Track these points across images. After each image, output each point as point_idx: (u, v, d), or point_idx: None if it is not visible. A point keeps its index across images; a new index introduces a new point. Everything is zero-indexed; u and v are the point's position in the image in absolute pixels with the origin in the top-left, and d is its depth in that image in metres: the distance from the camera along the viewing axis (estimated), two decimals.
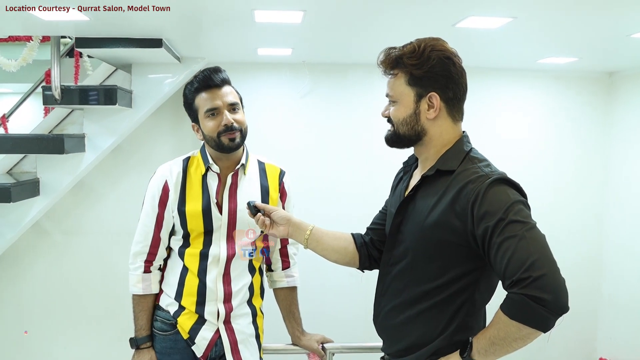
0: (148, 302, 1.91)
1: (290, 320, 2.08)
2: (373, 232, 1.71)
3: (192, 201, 1.85)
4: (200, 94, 1.83)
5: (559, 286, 1.21)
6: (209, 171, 1.87)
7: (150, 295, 1.92)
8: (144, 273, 1.90)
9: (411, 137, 1.47)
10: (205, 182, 1.87)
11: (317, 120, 3.70)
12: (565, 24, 2.47)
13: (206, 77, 1.81)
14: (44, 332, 3.64)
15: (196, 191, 1.86)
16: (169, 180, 1.86)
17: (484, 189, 1.31)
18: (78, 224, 3.63)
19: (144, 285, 1.90)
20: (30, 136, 3.16)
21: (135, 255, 1.90)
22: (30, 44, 3.42)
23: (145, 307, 1.91)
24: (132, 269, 1.91)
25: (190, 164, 1.90)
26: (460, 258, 1.39)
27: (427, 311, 1.44)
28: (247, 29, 2.56)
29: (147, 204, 1.89)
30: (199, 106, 1.83)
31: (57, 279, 3.64)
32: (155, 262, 1.91)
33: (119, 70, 3.41)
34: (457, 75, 1.43)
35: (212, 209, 1.85)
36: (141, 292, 1.90)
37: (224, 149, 1.82)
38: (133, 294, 1.91)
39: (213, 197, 1.86)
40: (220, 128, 1.79)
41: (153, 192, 1.87)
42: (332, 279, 3.52)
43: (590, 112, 3.90)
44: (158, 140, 3.65)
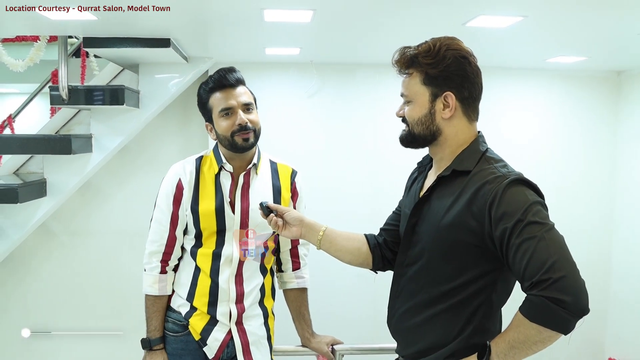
0: (163, 303, 1.90)
1: (300, 322, 2.07)
2: (387, 232, 1.69)
3: (205, 200, 1.84)
4: (215, 94, 1.82)
5: (580, 288, 1.20)
6: (222, 170, 1.87)
7: (165, 297, 1.90)
8: (160, 274, 1.88)
9: (426, 137, 1.45)
10: (219, 181, 1.86)
11: (325, 120, 3.68)
12: (576, 22, 2.46)
13: (221, 76, 1.81)
14: (51, 333, 3.64)
15: (209, 190, 1.85)
16: (183, 178, 1.85)
17: (502, 190, 1.30)
18: (85, 225, 3.63)
19: (160, 286, 1.88)
20: (37, 136, 3.15)
21: (151, 254, 1.88)
22: (38, 44, 3.42)
23: (160, 308, 1.89)
24: (149, 269, 1.89)
25: (203, 163, 1.89)
26: (476, 259, 1.37)
27: (443, 313, 1.42)
28: (256, 29, 2.55)
29: (161, 202, 1.88)
30: (213, 106, 1.82)
31: (64, 280, 3.63)
32: (170, 262, 1.90)
33: (126, 70, 3.41)
34: (472, 74, 1.41)
35: (225, 208, 1.84)
36: (157, 293, 1.88)
37: (237, 149, 1.81)
38: (148, 294, 1.89)
39: (226, 196, 1.85)
40: (235, 127, 1.79)
41: (167, 190, 1.86)
42: (340, 279, 3.51)
43: (599, 111, 3.88)
44: (165, 140, 3.64)
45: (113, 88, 3.03)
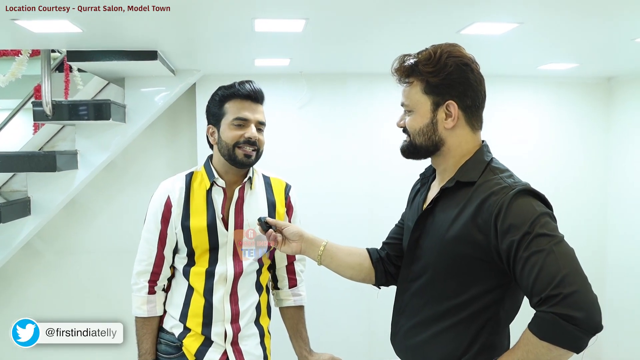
0: (152, 325, 1.85)
1: (297, 340, 2.01)
2: (389, 246, 1.65)
3: (196, 217, 1.79)
4: (234, 101, 1.79)
5: (592, 303, 1.16)
6: (214, 186, 1.83)
7: (155, 318, 1.85)
8: (148, 294, 1.83)
9: (428, 148, 1.41)
10: (210, 197, 1.82)
11: (316, 131, 3.65)
12: (569, 29, 2.46)
13: (251, 89, 1.80)
14: (38, 355, 3.53)
15: (200, 206, 1.81)
16: (172, 195, 1.81)
17: (508, 201, 1.26)
18: (71, 244, 3.54)
19: (148, 307, 1.83)
20: (20, 154, 3.07)
21: (139, 275, 1.84)
22: (20, 58, 3.36)
23: (150, 330, 1.84)
24: (136, 290, 1.84)
25: (194, 179, 1.85)
26: (483, 274, 1.33)
27: (449, 330, 1.38)
28: (246, 39, 2.51)
29: (149, 221, 1.84)
30: (229, 111, 1.79)
31: (50, 300, 3.54)
32: (159, 282, 1.85)
33: (112, 84, 3.36)
34: (475, 82, 1.39)
35: (218, 225, 1.80)
36: (146, 315, 1.83)
37: (236, 163, 1.78)
38: (137, 316, 1.84)
39: (219, 212, 1.81)
40: (242, 139, 1.76)
41: (155, 208, 1.83)
42: (336, 295, 3.46)
43: (590, 116, 3.90)
44: (153, 155, 3.58)
45: (98, 103, 2.97)
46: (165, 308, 1.88)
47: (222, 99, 1.81)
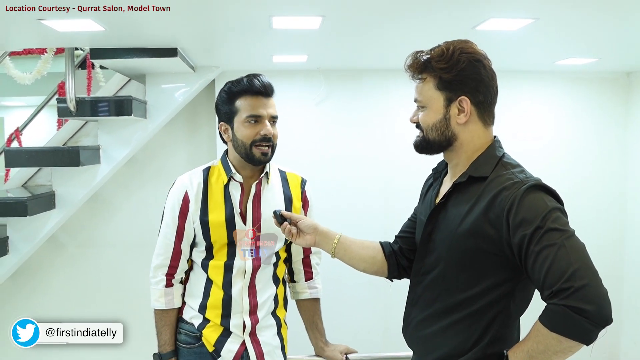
0: (171, 317, 1.87)
1: (313, 331, 2.04)
2: (402, 240, 1.67)
3: (214, 211, 1.81)
4: (245, 98, 1.78)
5: (602, 296, 1.17)
6: (232, 181, 1.84)
7: (173, 310, 1.88)
8: (166, 287, 1.86)
9: (441, 143, 1.43)
10: (228, 191, 1.83)
11: (333, 127, 3.67)
12: (587, 23, 2.44)
13: (260, 83, 1.78)
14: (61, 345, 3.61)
15: (218, 201, 1.82)
16: (189, 190, 1.83)
17: (520, 196, 1.27)
18: (94, 237, 3.62)
19: (166, 300, 1.86)
20: (45, 149, 3.16)
21: (156, 268, 1.87)
22: (45, 56, 3.43)
23: (169, 322, 1.87)
24: (154, 283, 1.87)
25: (211, 174, 1.86)
26: (494, 267, 1.35)
27: (460, 322, 1.39)
28: (264, 36, 2.54)
29: (167, 215, 1.85)
30: (241, 109, 1.78)
31: (73, 292, 3.62)
32: (176, 275, 1.87)
33: (132, 80, 3.41)
34: (487, 78, 1.39)
35: (236, 219, 1.81)
36: (164, 307, 1.86)
37: (253, 161, 1.79)
38: (155, 308, 1.87)
39: (236, 207, 1.82)
40: (258, 137, 1.76)
41: (173, 203, 1.84)
42: (352, 288, 3.48)
43: (609, 112, 3.86)
44: (173, 150, 3.64)
45: (120, 99, 3.03)
46: (185, 299, 1.90)
47: (233, 95, 1.80)
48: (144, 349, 1.94)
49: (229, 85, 1.82)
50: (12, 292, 3.55)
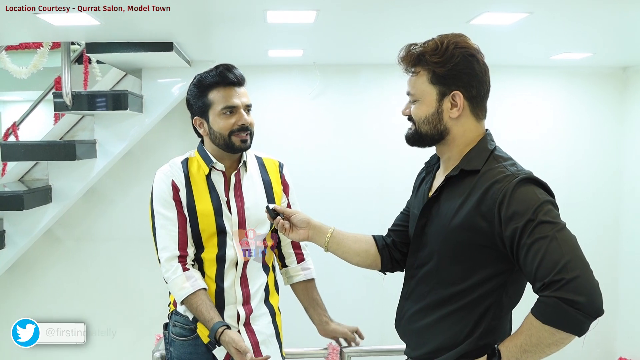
0: (202, 296, 1.75)
1: (315, 308, 2.00)
2: (395, 233, 1.67)
3: (201, 201, 1.80)
4: (217, 90, 1.77)
5: (594, 288, 1.18)
6: (213, 170, 1.83)
7: (202, 291, 1.76)
8: (184, 272, 1.77)
9: (433, 137, 1.43)
10: (211, 181, 1.82)
11: (329, 122, 3.68)
12: (582, 17, 2.44)
13: (228, 72, 1.76)
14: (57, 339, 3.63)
15: (203, 191, 1.81)
16: (175, 178, 1.81)
17: (511, 189, 1.28)
18: (90, 231, 3.62)
19: (191, 283, 1.75)
20: (41, 143, 3.16)
21: (167, 261, 1.78)
22: (41, 51, 3.42)
23: (202, 301, 1.74)
24: (171, 274, 1.77)
25: (191, 165, 1.85)
26: (487, 260, 1.35)
27: (453, 314, 1.40)
28: (259, 30, 2.54)
29: (159, 207, 1.81)
30: (214, 102, 1.77)
31: (69, 286, 3.62)
32: (189, 260, 1.80)
33: (129, 75, 3.41)
34: (481, 72, 1.40)
35: (223, 208, 1.81)
36: (192, 290, 1.75)
37: (233, 150, 1.79)
38: (184, 298, 1.76)
39: (222, 196, 1.82)
40: (235, 127, 1.76)
41: (162, 193, 1.80)
42: (347, 281, 3.49)
43: (604, 107, 3.87)
44: (169, 145, 3.63)
45: (116, 93, 3.03)
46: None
47: (204, 89, 1.78)
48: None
49: (198, 79, 1.80)
50: (9, 285, 3.55)
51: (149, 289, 3.30)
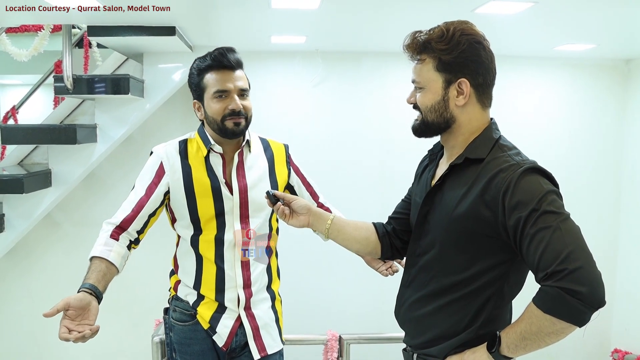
0: (100, 265, 1.66)
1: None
2: (395, 221, 1.66)
3: (199, 183, 1.79)
4: (211, 73, 1.75)
5: (596, 279, 1.18)
6: (211, 152, 1.82)
7: (104, 261, 1.67)
8: (109, 237, 1.73)
9: (440, 125, 1.42)
10: (209, 163, 1.81)
11: (330, 109, 3.67)
12: (586, 8, 2.43)
13: (221, 55, 1.73)
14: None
15: (201, 173, 1.80)
16: (165, 162, 1.80)
17: (516, 179, 1.28)
18: (90, 215, 3.62)
19: (104, 249, 1.69)
20: (42, 126, 3.15)
21: (107, 223, 1.77)
22: (42, 33, 3.39)
23: (95, 267, 1.66)
24: (100, 232, 1.75)
25: (190, 146, 1.83)
26: (489, 249, 1.35)
27: (454, 303, 1.40)
28: (263, 16, 2.52)
29: (137, 181, 1.81)
30: (208, 85, 1.75)
31: (68, 271, 3.61)
32: (125, 234, 1.75)
33: (130, 60, 3.39)
34: (487, 60, 1.38)
35: (222, 190, 1.80)
36: (98, 254, 1.68)
37: (227, 134, 1.76)
38: (90, 256, 1.70)
39: (221, 177, 1.81)
40: (227, 112, 1.73)
41: (146, 172, 1.81)
42: (346, 270, 3.49)
43: (607, 99, 3.87)
44: (170, 130, 3.61)
45: (117, 77, 3.01)
46: (179, 276, 1.89)
47: (200, 72, 1.76)
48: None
49: (197, 62, 1.79)
50: (9, 269, 3.56)
51: (148, 273, 3.31)
